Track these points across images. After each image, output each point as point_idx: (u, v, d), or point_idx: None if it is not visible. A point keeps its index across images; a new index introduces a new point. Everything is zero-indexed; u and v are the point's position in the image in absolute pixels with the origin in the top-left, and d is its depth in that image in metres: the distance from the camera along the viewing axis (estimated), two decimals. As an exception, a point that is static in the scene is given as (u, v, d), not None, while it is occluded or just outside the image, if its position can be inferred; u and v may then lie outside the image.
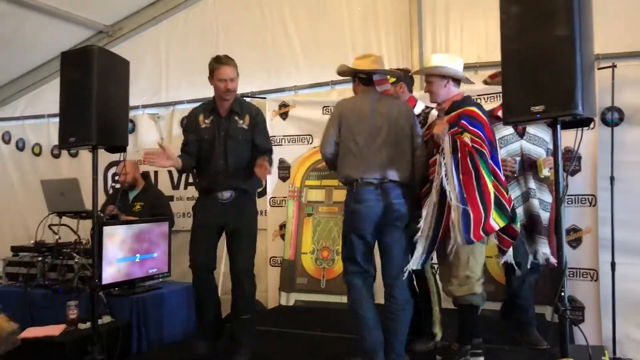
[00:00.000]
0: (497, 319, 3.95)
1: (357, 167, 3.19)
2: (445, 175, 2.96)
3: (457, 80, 3.29)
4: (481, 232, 2.93)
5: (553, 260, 3.38)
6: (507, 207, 3.01)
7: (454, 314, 3.28)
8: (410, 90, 3.73)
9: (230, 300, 3.65)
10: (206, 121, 3.70)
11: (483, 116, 3.13)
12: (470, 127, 3.05)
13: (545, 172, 3.46)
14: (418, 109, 3.59)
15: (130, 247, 4.18)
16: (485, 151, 3.00)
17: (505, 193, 3.04)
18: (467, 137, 2.99)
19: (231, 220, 3.59)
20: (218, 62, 3.72)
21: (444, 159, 2.98)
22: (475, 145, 2.98)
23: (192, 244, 3.63)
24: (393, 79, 3.57)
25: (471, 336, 3.22)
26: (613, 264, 3.91)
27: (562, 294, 2.42)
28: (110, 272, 4.01)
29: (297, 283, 4.92)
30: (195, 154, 3.69)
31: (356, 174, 3.18)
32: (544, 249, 3.47)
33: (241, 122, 3.67)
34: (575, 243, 4.05)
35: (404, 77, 3.66)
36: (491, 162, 3.02)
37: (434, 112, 3.53)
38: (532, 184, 3.54)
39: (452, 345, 3.27)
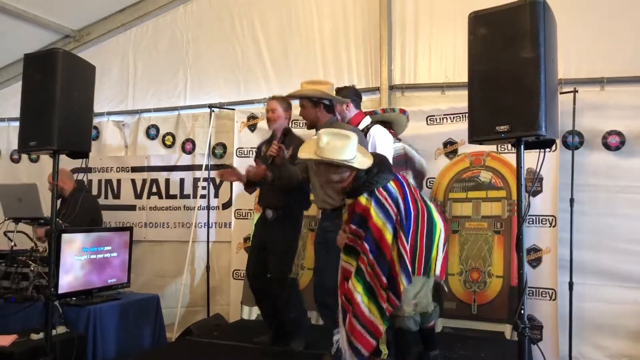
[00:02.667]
0: (456, 337, 4.00)
1: None
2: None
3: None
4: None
5: None
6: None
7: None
8: (358, 107, 3.76)
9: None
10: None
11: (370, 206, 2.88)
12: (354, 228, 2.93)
13: None
14: (362, 124, 3.63)
15: (89, 255, 4.07)
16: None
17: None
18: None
19: (270, 235, 3.82)
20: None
21: None
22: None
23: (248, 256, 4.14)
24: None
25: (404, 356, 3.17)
26: (571, 284, 4.01)
27: (522, 311, 2.44)
28: (67, 281, 3.90)
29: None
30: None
31: None
32: None
33: (286, 152, 3.78)
34: (535, 263, 4.12)
35: (351, 95, 3.70)
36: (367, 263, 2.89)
37: (376, 130, 3.57)
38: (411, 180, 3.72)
39: None
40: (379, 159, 2.98)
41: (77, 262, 4.00)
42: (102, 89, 5.55)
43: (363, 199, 2.89)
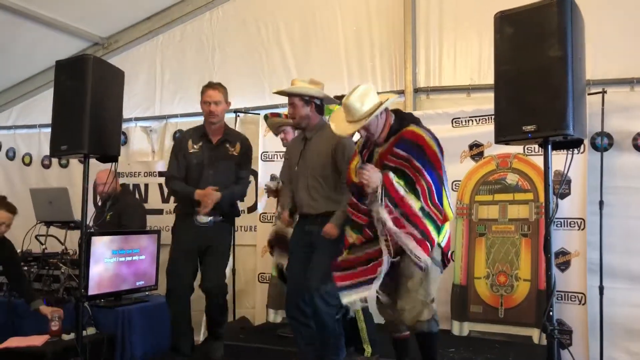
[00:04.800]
0: (481, 340, 3.96)
1: None
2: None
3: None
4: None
5: None
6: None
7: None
8: None
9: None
10: (195, 146, 3.84)
11: (423, 133, 2.88)
12: (402, 153, 2.87)
13: None
14: (356, 136, 3.49)
15: (118, 258, 4.14)
16: (409, 173, 2.83)
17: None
18: (389, 174, 2.83)
19: (209, 242, 3.80)
20: (205, 86, 3.87)
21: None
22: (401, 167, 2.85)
23: (170, 266, 3.81)
24: (337, 106, 3.59)
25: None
26: (601, 288, 3.93)
27: (551, 313, 2.41)
28: (97, 284, 3.97)
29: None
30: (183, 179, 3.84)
31: None
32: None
33: (232, 149, 3.84)
34: (564, 266, 4.05)
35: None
36: (422, 182, 2.82)
37: None
38: None
39: None
40: None
41: (106, 264, 4.07)
42: (130, 95, 5.61)
43: (411, 127, 2.87)
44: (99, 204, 5.78)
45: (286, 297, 3.47)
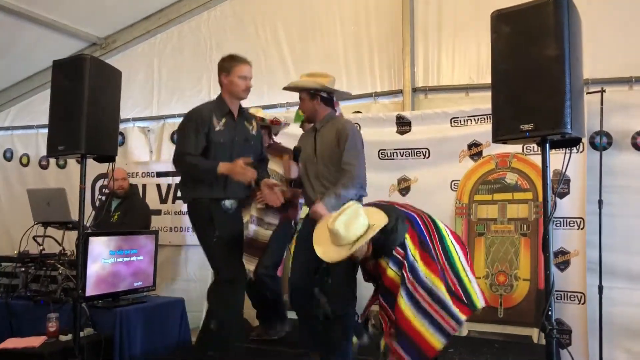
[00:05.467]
0: (482, 341, 3.94)
1: None
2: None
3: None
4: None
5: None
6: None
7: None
8: None
9: None
10: (220, 123, 3.39)
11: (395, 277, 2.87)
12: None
13: None
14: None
15: (115, 258, 4.12)
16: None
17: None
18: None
19: (236, 230, 3.55)
20: (237, 60, 3.43)
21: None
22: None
23: (221, 257, 3.40)
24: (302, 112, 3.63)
25: None
26: (600, 288, 3.92)
27: (550, 312, 2.40)
28: (94, 284, 3.95)
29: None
30: None
31: None
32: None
33: (250, 127, 3.57)
34: (563, 265, 4.04)
35: None
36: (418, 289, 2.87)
37: None
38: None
39: None
40: (387, 210, 2.88)
41: (104, 265, 4.05)
42: (128, 95, 5.61)
43: (384, 264, 2.87)
44: (97, 204, 5.78)
45: (293, 286, 3.41)
